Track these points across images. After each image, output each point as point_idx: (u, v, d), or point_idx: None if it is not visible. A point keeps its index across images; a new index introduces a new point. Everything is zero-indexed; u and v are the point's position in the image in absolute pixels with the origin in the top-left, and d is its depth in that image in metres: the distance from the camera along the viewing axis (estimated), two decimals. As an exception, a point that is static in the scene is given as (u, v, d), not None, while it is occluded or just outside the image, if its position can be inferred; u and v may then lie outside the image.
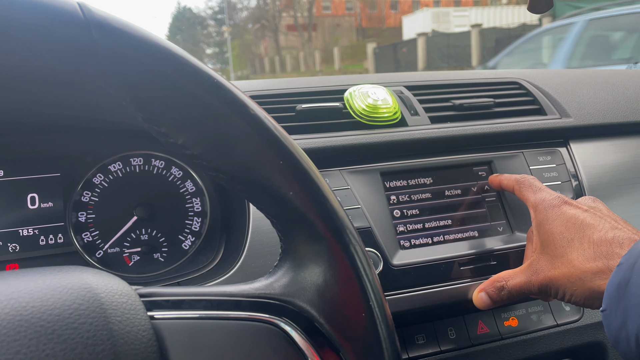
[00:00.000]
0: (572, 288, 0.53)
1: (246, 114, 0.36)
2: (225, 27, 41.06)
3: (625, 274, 0.43)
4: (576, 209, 0.57)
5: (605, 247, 0.51)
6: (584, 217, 0.55)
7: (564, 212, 0.57)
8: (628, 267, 0.43)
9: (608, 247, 0.51)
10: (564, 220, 0.56)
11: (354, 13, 39.52)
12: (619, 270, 0.44)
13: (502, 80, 0.90)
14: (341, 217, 0.37)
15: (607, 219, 0.55)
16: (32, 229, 0.68)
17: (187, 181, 0.73)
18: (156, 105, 0.34)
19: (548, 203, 0.60)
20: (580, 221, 0.55)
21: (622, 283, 0.43)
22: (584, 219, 0.55)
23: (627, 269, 0.43)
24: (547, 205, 0.59)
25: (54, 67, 0.33)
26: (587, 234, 0.53)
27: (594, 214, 0.56)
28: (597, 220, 0.55)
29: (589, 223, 0.54)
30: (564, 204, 0.58)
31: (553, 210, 0.58)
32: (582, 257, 0.52)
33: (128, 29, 0.33)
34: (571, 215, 0.56)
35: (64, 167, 0.69)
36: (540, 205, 0.60)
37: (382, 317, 0.37)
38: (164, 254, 0.71)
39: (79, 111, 0.62)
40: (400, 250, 0.68)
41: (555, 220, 0.57)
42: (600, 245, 0.52)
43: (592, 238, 0.53)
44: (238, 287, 0.37)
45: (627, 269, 0.43)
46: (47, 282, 0.32)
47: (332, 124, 0.74)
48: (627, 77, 0.98)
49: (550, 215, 0.58)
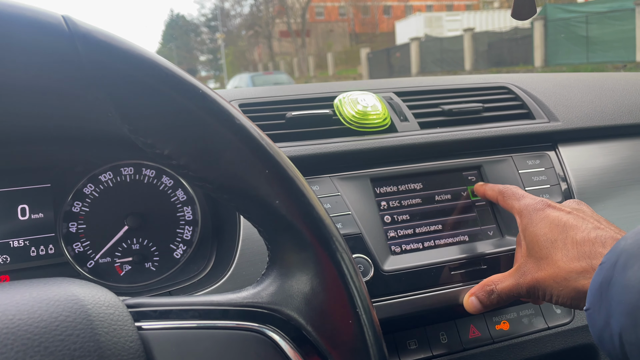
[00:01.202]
0: (558, 289, 0.53)
1: (232, 123, 0.36)
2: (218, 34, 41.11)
3: (607, 272, 0.43)
4: (559, 211, 0.58)
5: (588, 247, 0.52)
6: (567, 219, 0.56)
7: (547, 215, 0.58)
8: (610, 265, 0.43)
9: (591, 246, 0.52)
10: (547, 222, 0.57)
11: (347, 19, 39.67)
12: (601, 269, 0.44)
13: (491, 85, 0.91)
14: (327, 224, 0.38)
15: (590, 219, 0.56)
16: (23, 240, 0.67)
17: (178, 190, 0.73)
18: (142, 116, 0.35)
19: (532, 207, 0.60)
20: (564, 222, 0.56)
21: (604, 282, 0.43)
22: (567, 221, 0.56)
23: (609, 268, 0.43)
24: (531, 210, 0.60)
25: (39, 79, 0.34)
26: (571, 234, 0.54)
27: (576, 216, 0.57)
28: (580, 221, 0.55)
29: (572, 224, 0.55)
30: (548, 207, 0.59)
31: (537, 213, 0.59)
32: (566, 258, 0.53)
33: (112, 41, 0.34)
34: (554, 217, 0.57)
35: (54, 178, 0.69)
36: (524, 210, 0.61)
37: (370, 324, 0.37)
38: (155, 263, 0.71)
39: (68, 121, 0.62)
40: (391, 255, 0.68)
41: (539, 222, 0.58)
42: (584, 245, 0.52)
43: (575, 238, 0.54)
44: (226, 296, 0.37)
45: (609, 268, 0.43)
46: (33, 295, 0.32)
47: (322, 131, 0.75)
48: (614, 80, 0.99)
49: (534, 219, 0.59)
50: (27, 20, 0.32)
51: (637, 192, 0.81)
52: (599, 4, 12.63)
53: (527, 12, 0.57)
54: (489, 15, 25.74)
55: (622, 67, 9.73)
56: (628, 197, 0.80)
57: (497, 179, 0.76)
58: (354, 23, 38.71)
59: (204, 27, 50.47)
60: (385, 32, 35.69)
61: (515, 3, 0.58)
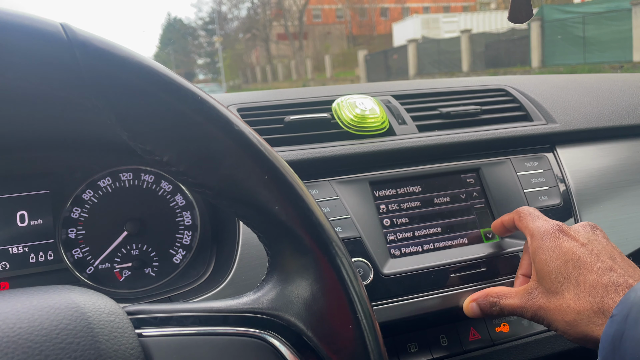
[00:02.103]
0: (565, 327, 0.53)
1: (230, 130, 0.36)
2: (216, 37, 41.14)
3: (619, 326, 0.43)
4: (573, 241, 0.57)
5: (601, 292, 0.51)
6: (581, 254, 0.55)
7: (560, 245, 0.57)
8: (621, 319, 0.43)
9: (604, 291, 0.51)
10: (560, 253, 0.56)
11: (344, 21, 39.73)
12: (612, 322, 0.44)
13: (489, 88, 0.91)
14: (327, 229, 0.38)
15: (604, 256, 0.55)
16: (22, 246, 0.67)
17: (177, 195, 0.73)
18: (141, 123, 0.35)
19: (544, 231, 0.59)
20: (577, 258, 0.55)
21: (616, 336, 0.43)
22: (580, 256, 0.55)
23: (621, 321, 0.43)
24: (544, 234, 0.59)
25: (38, 87, 0.34)
26: (584, 273, 0.53)
27: (591, 251, 0.55)
28: (594, 258, 0.54)
29: (585, 261, 0.54)
30: (561, 234, 0.58)
31: (550, 240, 0.58)
32: (577, 299, 0.53)
33: (111, 49, 0.34)
34: (567, 249, 0.56)
35: (53, 184, 0.69)
36: (536, 232, 0.60)
37: (370, 329, 0.37)
38: (155, 268, 0.71)
39: (66, 127, 0.62)
40: (391, 259, 0.68)
41: (551, 252, 0.57)
42: (596, 289, 0.52)
43: (588, 279, 0.53)
44: (226, 303, 0.37)
45: (620, 321, 0.43)
46: (34, 303, 0.32)
47: (321, 135, 0.75)
48: (611, 81, 0.99)
49: (546, 245, 0.58)
50: (26, 29, 0.32)
51: (636, 193, 0.81)
52: (596, 5, 12.67)
53: (524, 15, 0.58)
54: (485, 16, 25.80)
55: (619, 68, 9.76)
56: (626, 198, 0.81)
57: (495, 181, 0.76)
58: (352, 25, 38.78)
59: (202, 30, 50.55)
60: (382, 34, 35.75)
61: (512, 6, 0.58)
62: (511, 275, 0.70)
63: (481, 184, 0.76)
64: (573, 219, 0.76)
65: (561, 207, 0.77)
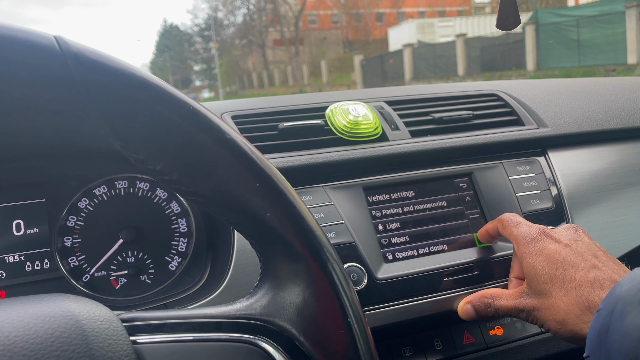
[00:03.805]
0: (555, 326, 0.54)
1: (222, 138, 0.37)
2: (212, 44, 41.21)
3: (605, 320, 0.44)
4: (557, 243, 0.58)
5: (587, 289, 0.53)
6: (565, 255, 0.56)
7: (545, 247, 0.58)
8: (607, 313, 0.44)
9: (589, 288, 0.53)
10: (545, 256, 0.57)
11: (340, 26, 39.85)
12: (599, 316, 0.45)
13: (481, 93, 0.92)
14: (318, 235, 0.38)
15: (588, 255, 0.56)
16: (18, 255, 0.68)
17: (173, 202, 0.74)
18: (133, 133, 0.35)
19: (529, 236, 0.60)
20: (562, 258, 0.56)
21: (602, 329, 0.44)
22: (565, 257, 0.56)
23: (606, 315, 0.44)
24: (528, 239, 0.60)
25: (33, 98, 0.34)
26: (569, 272, 0.55)
27: (575, 251, 0.57)
28: (578, 258, 0.56)
29: (570, 261, 0.56)
30: (545, 238, 0.59)
31: (534, 244, 0.59)
32: (565, 298, 0.54)
33: (104, 60, 0.34)
34: (552, 250, 0.57)
35: (49, 193, 0.70)
36: (521, 238, 0.61)
37: (361, 334, 0.38)
38: (150, 275, 0.71)
39: (61, 137, 0.63)
40: (385, 263, 0.69)
41: (537, 255, 0.58)
42: (582, 287, 0.53)
43: (573, 278, 0.54)
44: (219, 309, 0.37)
45: (606, 315, 0.44)
46: (29, 311, 0.32)
47: (314, 141, 0.75)
48: (602, 85, 1.00)
49: (531, 250, 0.59)
50: (20, 42, 0.32)
51: (626, 196, 0.82)
52: (590, 8, 12.74)
53: (512, 22, 0.59)
54: (480, 20, 25.92)
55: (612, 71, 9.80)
56: (617, 201, 0.82)
57: (488, 186, 0.77)
58: (347, 30, 38.89)
59: (198, 36, 50.61)
60: (378, 39, 35.88)
61: (500, 13, 0.59)
62: (504, 279, 0.71)
63: (474, 188, 0.77)
64: (565, 222, 0.77)
65: (553, 211, 0.77)
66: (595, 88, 0.98)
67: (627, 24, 11.06)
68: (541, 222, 0.72)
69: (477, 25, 25.34)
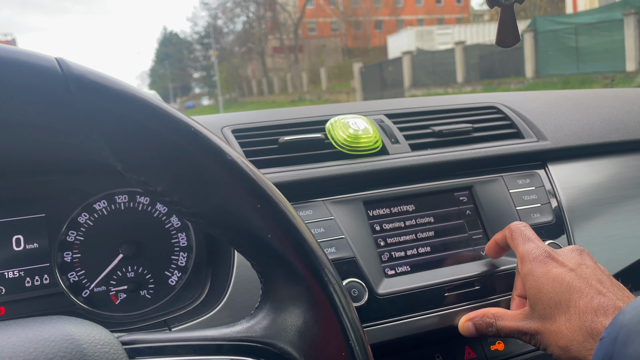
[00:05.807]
0: (559, 352, 0.54)
1: (223, 160, 0.37)
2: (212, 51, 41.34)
3: (608, 348, 0.44)
4: (561, 267, 0.58)
5: (590, 316, 0.53)
6: (570, 279, 0.56)
7: (549, 271, 0.58)
8: (610, 341, 0.44)
9: (593, 315, 0.52)
10: (549, 279, 0.57)
11: (339, 34, 40.01)
12: (602, 344, 0.45)
13: (480, 105, 0.93)
14: (319, 256, 0.38)
15: (593, 280, 0.56)
16: (18, 270, 0.67)
17: (173, 216, 0.74)
18: (134, 155, 0.35)
19: (534, 257, 0.60)
20: (567, 283, 0.56)
21: (606, 358, 0.44)
22: (570, 282, 0.56)
23: (610, 344, 0.44)
24: (533, 259, 0.60)
25: (34, 118, 0.34)
26: (574, 298, 0.55)
27: (579, 276, 0.56)
28: (583, 283, 0.56)
29: (575, 286, 0.55)
30: (550, 260, 0.59)
31: (539, 266, 0.59)
32: (568, 324, 0.54)
33: (105, 82, 0.35)
34: (557, 274, 0.57)
35: (49, 208, 0.70)
36: (526, 257, 0.61)
37: (363, 355, 0.37)
38: (150, 290, 0.71)
39: (61, 152, 0.63)
40: (386, 278, 0.69)
41: (541, 278, 0.58)
42: (586, 313, 0.53)
43: (578, 304, 0.54)
44: (219, 331, 0.37)
45: (609, 344, 0.44)
46: (29, 335, 0.32)
47: (315, 155, 0.75)
48: (601, 98, 1.00)
49: (536, 271, 0.59)
50: (23, 64, 0.33)
51: (626, 209, 0.82)
52: (588, 15, 12.80)
53: (511, 40, 0.59)
54: (479, 28, 26.03)
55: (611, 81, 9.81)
56: (618, 214, 0.81)
57: (488, 199, 0.77)
58: (346, 38, 39.04)
59: (197, 44, 50.80)
60: (377, 47, 36.01)
61: (499, 30, 0.59)
62: (506, 294, 0.70)
63: (474, 201, 0.77)
64: (565, 236, 0.77)
65: (553, 224, 0.77)
66: (595, 100, 0.99)
67: (626, 31, 11.11)
68: (541, 236, 0.71)
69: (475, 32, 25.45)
